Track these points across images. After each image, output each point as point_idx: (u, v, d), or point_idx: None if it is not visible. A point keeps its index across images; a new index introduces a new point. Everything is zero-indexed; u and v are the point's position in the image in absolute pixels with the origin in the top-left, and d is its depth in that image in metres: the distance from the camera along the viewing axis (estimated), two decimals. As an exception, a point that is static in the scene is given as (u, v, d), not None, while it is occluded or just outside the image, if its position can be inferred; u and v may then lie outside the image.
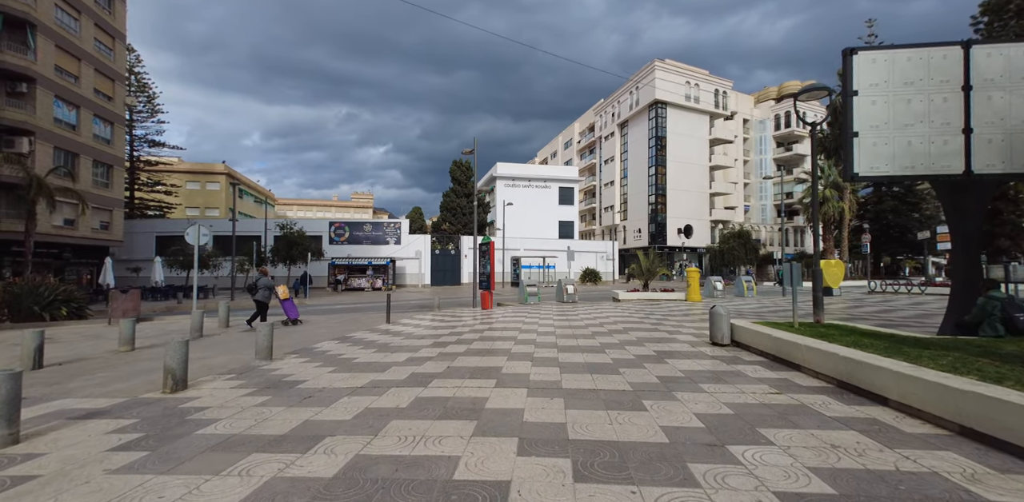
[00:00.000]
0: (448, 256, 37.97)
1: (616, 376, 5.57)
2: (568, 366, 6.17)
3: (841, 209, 38.25)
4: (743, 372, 5.76)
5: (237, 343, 9.04)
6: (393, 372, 5.97)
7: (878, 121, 7.70)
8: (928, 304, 16.95)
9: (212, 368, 6.53)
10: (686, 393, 4.78)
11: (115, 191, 29.48)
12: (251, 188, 64.34)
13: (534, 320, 12.06)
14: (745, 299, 20.95)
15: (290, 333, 10.37)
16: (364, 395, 4.84)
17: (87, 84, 26.55)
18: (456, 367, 6.22)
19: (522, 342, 8.27)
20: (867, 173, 7.71)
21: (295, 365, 6.58)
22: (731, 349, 7.48)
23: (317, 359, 7.04)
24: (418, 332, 10.05)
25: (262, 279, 11.39)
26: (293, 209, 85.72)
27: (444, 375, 5.74)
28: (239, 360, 7.13)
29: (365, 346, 8.19)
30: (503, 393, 4.82)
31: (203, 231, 12.17)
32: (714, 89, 53.78)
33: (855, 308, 15.44)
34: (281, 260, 31.55)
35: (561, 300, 19.32)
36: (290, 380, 5.59)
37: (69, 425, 3.97)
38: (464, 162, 43.73)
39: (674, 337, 8.76)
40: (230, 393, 5.01)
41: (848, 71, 7.76)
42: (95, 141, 27.32)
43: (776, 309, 15.01)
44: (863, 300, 19.56)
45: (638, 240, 53.72)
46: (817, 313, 7.90)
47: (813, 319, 7.95)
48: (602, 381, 5.32)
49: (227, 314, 11.46)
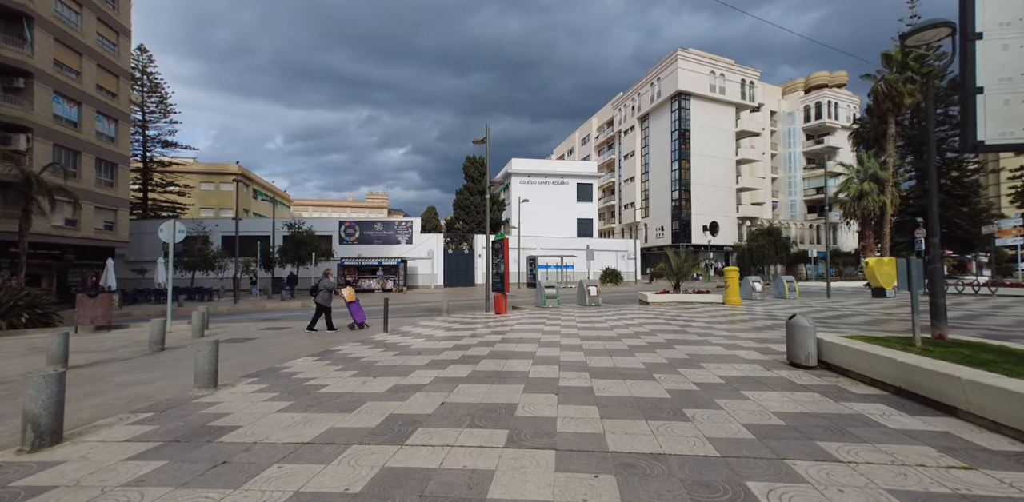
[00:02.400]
0: (461, 256, 36.41)
1: (684, 424, 3.78)
2: (610, 403, 4.40)
3: (883, 203, 35.45)
4: (869, 417, 3.91)
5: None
6: (364, 412, 4.29)
7: (1012, 71, 5.78)
8: (1014, 307, 14.60)
9: (132, 400, 4.95)
10: (807, 462, 2.98)
11: (120, 191, 28.69)
12: (266, 189, 63.99)
13: (555, 328, 10.30)
14: (788, 301, 18.81)
15: (268, 345, 8.82)
16: (304, 461, 3.16)
17: (89, 80, 25.73)
18: (453, 404, 4.50)
19: (542, 361, 6.52)
20: (996, 140, 5.81)
21: (241, 398, 4.95)
22: (822, 374, 5.61)
23: (276, 387, 5.41)
24: (417, 344, 8.39)
25: (323, 281, 10.81)
26: (308, 210, 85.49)
27: (434, 419, 4.03)
28: (176, 388, 5.55)
29: (345, 366, 6.54)
30: (517, 461, 3.09)
31: (179, 227, 10.75)
32: (740, 79, 51.09)
33: (930, 313, 13.20)
34: (289, 260, 30.42)
35: (583, 303, 17.50)
36: (216, 427, 3.95)
37: None
38: (478, 159, 42.10)
39: (734, 353, 6.91)
40: (113, 453, 3.38)
41: (968, 7, 5.84)
42: (98, 139, 26.50)
43: (838, 314, 12.93)
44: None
45: (660, 238, 51.39)
46: (939, 326, 5.95)
47: (932, 334, 6.00)
48: (667, 435, 3.53)
49: (203, 322, 9.97)
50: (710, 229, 51.05)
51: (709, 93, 48.97)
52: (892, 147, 36.36)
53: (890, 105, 35.12)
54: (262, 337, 9.93)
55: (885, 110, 35.68)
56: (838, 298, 20.37)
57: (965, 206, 40.48)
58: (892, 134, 36.12)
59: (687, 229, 48.41)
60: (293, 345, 8.73)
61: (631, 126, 57.64)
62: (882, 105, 35.59)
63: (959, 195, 40.57)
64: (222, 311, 20.07)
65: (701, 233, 48.73)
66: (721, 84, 49.85)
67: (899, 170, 38.38)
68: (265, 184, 64.81)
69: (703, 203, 49.01)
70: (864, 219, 37.13)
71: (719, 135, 50.20)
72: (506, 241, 14.63)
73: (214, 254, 28.46)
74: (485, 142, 16.81)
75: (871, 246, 38.13)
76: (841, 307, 15.34)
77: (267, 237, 32.88)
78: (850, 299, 19.37)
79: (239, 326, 12.36)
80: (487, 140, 16.77)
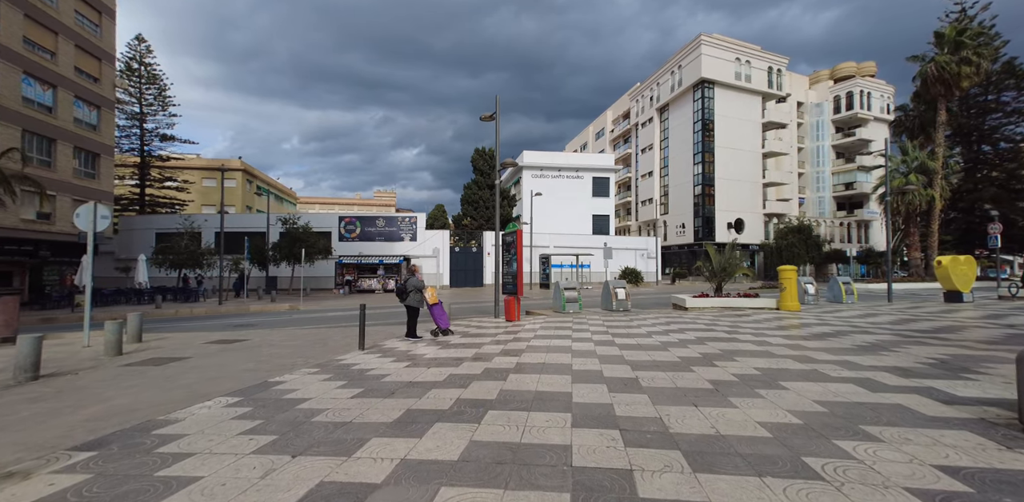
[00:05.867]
0: (469, 254, 33.91)
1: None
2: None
3: (931, 198, 32.18)
4: None
5: (75, 396, 5.06)
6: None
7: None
8: None
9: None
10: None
11: (103, 183, 26.65)
12: (271, 186, 62.20)
13: (586, 346, 7.72)
14: (849, 307, 15.99)
15: (191, 371, 6.36)
16: None
17: (66, 62, 23.68)
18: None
19: (588, 417, 3.95)
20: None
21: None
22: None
23: (112, 479, 2.91)
24: (395, 375, 5.87)
25: (411, 279, 9.16)
26: (315, 207, 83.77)
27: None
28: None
29: (266, 421, 4.03)
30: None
31: (102, 212, 8.35)
32: (767, 66, 47.86)
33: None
34: (284, 258, 28.21)
35: (609, 308, 14.89)
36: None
37: None
38: (487, 150, 39.50)
39: (895, 401, 4.26)
40: None
41: None
42: (77, 126, 24.45)
43: (937, 327, 10.13)
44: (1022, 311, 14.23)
45: (681, 236, 48.43)
46: None
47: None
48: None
49: (119, 336, 7.54)
50: (735, 226, 47.92)
51: (734, 81, 45.86)
52: (941, 136, 33.06)
53: (941, 89, 31.85)
54: (198, 356, 7.49)
55: (935, 95, 32.39)
56: (902, 303, 17.49)
57: (1022, 201, 36.89)
58: (942, 121, 32.81)
59: (710, 226, 45.39)
60: (225, 372, 6.26)
61: (649, 118, 54.67)
62: (932, 90, 32.30)
63: (1016, 189, 36.99)
64: (197, 314, 17.81)
65: (725, 231, 45.69)
66: (747, 72, 46.71)
67: (949, 160, 34.98)
68: (271, 181, 63.03)
69: (727, 199, 45.95)
70: (908, 215, 33.88)
71: (744, 126, 47.06)
72: (519, 233, 12.06)
73: (202, 251, 26.29)
74: (495, 118, 14.27)
75: (915, 244, 34.86)
76: (926, 315, 12.51)
77: (262, 233, 30.76)
78: (921, 305, 16.48)
79: (186, 337, 9.96)
80: (496, 116, 14.24)
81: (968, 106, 39.53)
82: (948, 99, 32.83)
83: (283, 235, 28.90)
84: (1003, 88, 38.20)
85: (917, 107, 36.62)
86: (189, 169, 50.46)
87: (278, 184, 65.99)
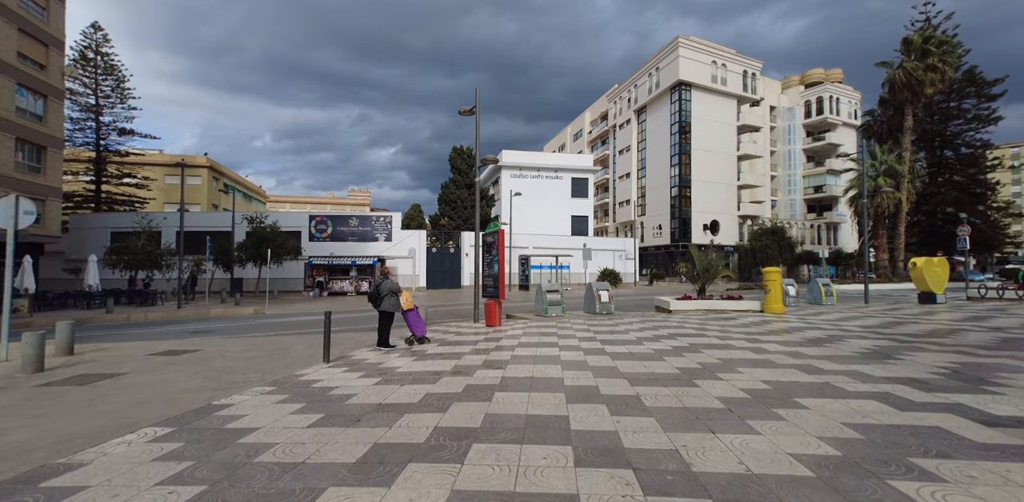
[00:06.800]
0: (447, 255, 33.03)
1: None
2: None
3: (898, 200, 33.06)
4: None
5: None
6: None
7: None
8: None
9: None
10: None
11: (50, 178, 24.73)
12: (238, 183, 59.76)
13: (575, 355, 7.12)
14: (830, 308, 15.93)
15: (120, 393, 5.46)
16: None
17: (6, 46, 21.79)
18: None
19: (592, 450, 3.33)
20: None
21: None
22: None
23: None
24: (363, 394, 5.13)
25: (385, 282, 8.40)
26: (286, 206, 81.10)
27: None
28: None
29: (198, 462, 3.26)
30: None
31: (25, 207, 7.29)
32: (742, 70, 48.59)
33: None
34: (250, 258, 26.79)
35: (592, 311, 14.37)
36: None
37: None
38: (466, 149, 38.68)
39: (931, 423, 3.79)
40: None
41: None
42: (19, 116, 22.56)
43: (923, 330, 9.97)
44: (1003, 311, 14.38)
45: (658, 237, 48.67)
46: None
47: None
48: None
49: (40, 350, 6.54)
50: (711, 228, 48.32)
51: (711, 84, 46.38)
52: (908, 140, 34.03)
53: (908, 95, 32.77)
54: (136, 371, 6.55)
55: (903, 100, 33.32)
56: (879, 304, 17.60)
57: (981, 204, 38.36)
58: (909, 126, 33.77)
59: (687, 228, 45.73)
60: (162, 392, 5.39)
61: (627, 119, 54.85)
62: (899, 95, 33.22)
63: (976, 193, 38.44)
64: (152, 319, 16.48)
65: (701, 232, 46.05)
66: (723, 75, 47.31)
67: (916, 164, 36.05)
68: (239, 179, 60.56)
69: (703, 200, 46.39)
70: (877, 217, 34.75)
71: (720, 129, 47.64)
72: (501, 233, 11.40)
73: (161, 252, 24.66)
74: (474, 112, 13.58)
75: (883, 246, 35.78)
76: (909, 317, 12.44)
77: (227, 233, 29.18)
78: (898, 306, 16.57)
79: (131, 347, 8.91)
80: (476, 110, 13.56)
81: (931, 112, 40.93)
82: (914, 104, 33.81)
83: (249, 234, 27.46)
84: (964, 95, 39.71)
85: (885, 112, 37.66)
86: (150, 165, 47.92)
87: (247, 182, 63.54)
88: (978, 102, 39.53)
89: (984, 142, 39.90)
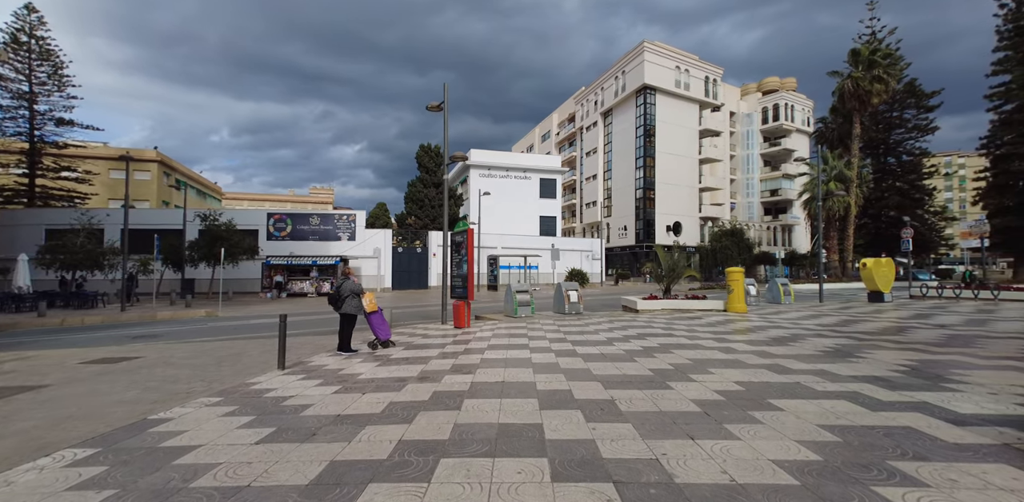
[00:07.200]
0: (413, 255, 32.34)
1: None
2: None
3: (848, 204, 34.83)
4: None
5: None
6: None
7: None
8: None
9: None
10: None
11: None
12: (192, 179, 56.66)
13: (545, 356, 6.93)
14: (789, 307, 16.49)
15: (38, 409, 4.86)
16: None
17: (-78, 22, 19.72)
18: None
19: (569, 468, 3.13)
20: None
21: None
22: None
23: None
24: (320, 405, 4.75)
25: (346, 283, 7.92)
26: (243, 204, 77.61)
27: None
28: None
29: (121, 492, 2.85)
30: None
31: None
32: (704, 76, 50.00)
33: (970, 326, 10.93)
34: (203, 258, 25.35)
35: (561, 311, 14.29)
36: None
37: None
38: (433, 147, 38.03)
39: (902, 422, 3.80)
40: None
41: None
42: (-65, 100, 20.46)
43: (881, 326, 10.38)
44: (943, 308, 15.26)
45: (623, 238, 49.44)
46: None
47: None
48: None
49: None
50: (673, 229, 49.61)
51: (674, 89, 47.48)
52: (856, 147, 35.88)
53: (856, 104, 34.53)
54: (61, 382, 5.90)
55: (851, 109, 35.07)
56: (832, 303, 18.36)
57: (920, 208, 40.94)
58: (857, 134, 35.61)
59: (651, 229, 46.64)
60: (90, 406, 4.84)
61: (594, 122, 55.48)
62: (848, 104, 34.95)
63: (915, 198, 40.97)
64: (91, 323, 15.23)
65: (664, 233, 47.15)
66: (686, 80, 48.53)
67: (863, 170, 38.08)
68: (192, 175, 57.41)
69: (667, 202, 47.44)
70: (828, 220, 36.48)
71: (683, 133, 48.86)
72: (470, 232, 11.11)
73: (103, 251, 22.95)
74: (443, 108, 13.23)
75: (834, 247, 37.60)
76: (862, 316, 12.98)
77: (178, 231, 27.51)
78: (850, 305, 17.32)
79: (61, 354, 8.09)
80: (445, 106, 13.21)
81: (877, 121, 43.36)
82: (862, 113, 35.68)
83: (203, 233, 26.00)
84: (905, 106, 42.29)
85: (836, 120, 39.59)
86: (93, 158, 44.71)
87: (201, 178, 60.32)
88: (918, 112, 42.19)
89: (923, 150, 42.61)
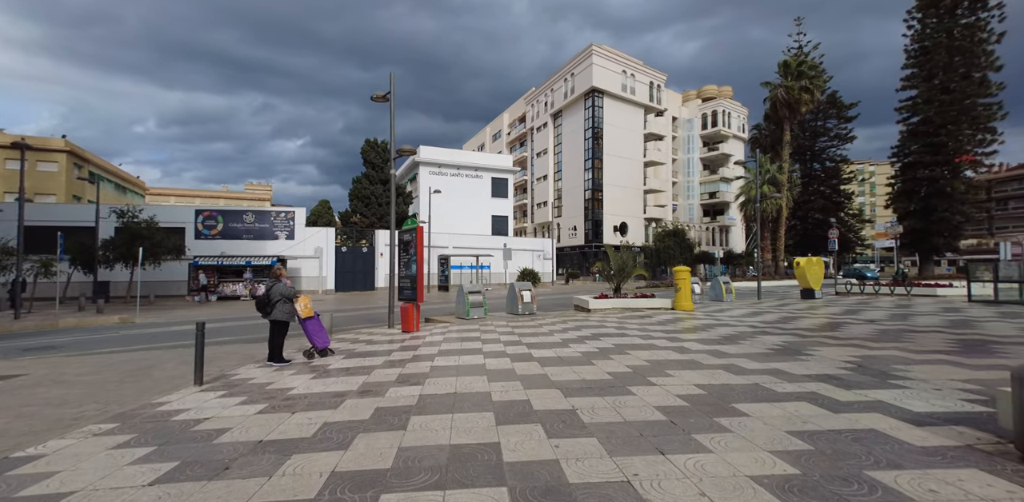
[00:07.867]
0: (359, 255, 30.93)
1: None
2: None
3: (779, 206, 37.11)
4: None
5: None
6: None
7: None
8: (968, 310, 13.98)
9: None
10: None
11: None
12: (109, 172, 51.35)
13: (501, 362, 6.53)
14: (731, 304, 17.12)
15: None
16: None
17: None
18: None
19: (531, 497, 2.74)
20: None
21: None
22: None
23: None
24: (239, 428, 4.08)
25: (277, 286, 7.13)
26: (170, 200, 71.55)
27: None
28: None
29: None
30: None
31: None
32: (649, 81, 51.65)
33: (895, 321, 11.73)
34: (119, 258, 22.88)
35: (515, 312, 13.96)
36: None
37: None
38: (380, 143, 36.59)
39: (866, 425, 3.73)
40: None
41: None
42: None
43: (818, 322, 10.86)
44: (867, 304, 16.40)
45: (573, 238, 50.09)
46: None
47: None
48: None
49: None
50: (620, 230, 50.93)
51: (621, 93, 48.66)
52: (787, 153, 38.31)
53: (787, 112, 36.83)
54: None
55: (782, 117, 37.37)
56: (770, 300, 19.31)
57: (841, 211, 44.42)
58: (787, 140, 38.00)
59: (599, 229, 47.54)
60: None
61: (544, 123, 55.85)
62: (780, 112, 37.21)
63: (837, 201, 44.39)
64: None
65: (612, 234, 48.23)
66: (632, 84, 49.89)
67: (793, 174, 40.73)
68: (110, 167, 52.04)
69: (614, 203, 48.55)
70: (762, 221, 38.73)
71: (629, 136, 50.20)
72: (420, 231, 10.51)
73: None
74: (389, 99, 12.51)
75: (767, 247, 39.96)
76: (799, 312, 13.63)
77: (90, 228, 24.63)
78: (786, 302, 18.27)
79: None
80: (391, 96, 12.50)
81: (804, 129, 46.61)
82: (792, 121, 38.15)
83: (120, 230, 23.47)
84: (828, 116, 45.77)
85: (768, 127, 42.09)
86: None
87: (121, 171, 54.84)
88: (839, 122, 45.80)
89: (843, 157, 46.34)
